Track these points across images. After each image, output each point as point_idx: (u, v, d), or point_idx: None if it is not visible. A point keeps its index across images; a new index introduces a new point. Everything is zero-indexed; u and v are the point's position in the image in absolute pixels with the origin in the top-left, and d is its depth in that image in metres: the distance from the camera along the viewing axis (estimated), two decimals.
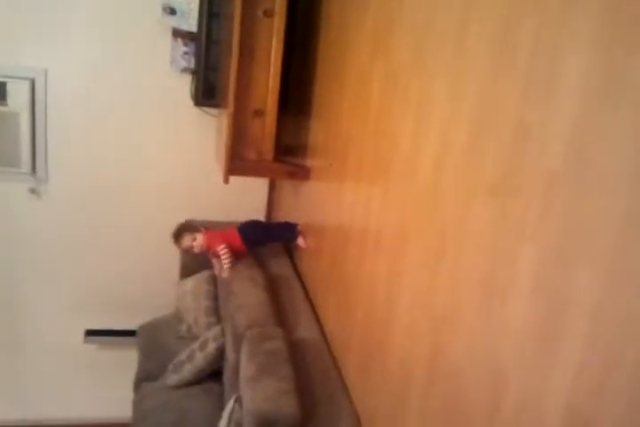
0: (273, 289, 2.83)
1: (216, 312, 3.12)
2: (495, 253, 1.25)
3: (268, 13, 2.67)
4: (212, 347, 2.74)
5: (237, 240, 2.93)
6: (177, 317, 3.25)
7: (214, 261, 3.03)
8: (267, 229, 3.14)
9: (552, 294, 1.06)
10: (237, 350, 2.36)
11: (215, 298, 3.18)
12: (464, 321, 1.37)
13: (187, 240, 2.90)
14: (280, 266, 3.12)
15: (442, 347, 1.46)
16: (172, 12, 3.26)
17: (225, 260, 2.85)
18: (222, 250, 2.85)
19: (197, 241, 2.88)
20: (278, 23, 2.69)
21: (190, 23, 3.25)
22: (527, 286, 1.14)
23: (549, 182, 1.08)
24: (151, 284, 3.84)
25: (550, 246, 1.07)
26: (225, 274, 2.88)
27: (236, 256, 2.90)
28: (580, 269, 1.00)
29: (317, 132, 2.83)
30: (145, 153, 3.65)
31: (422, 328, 1.58)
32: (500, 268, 1.23)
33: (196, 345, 2.82)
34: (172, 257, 3.50)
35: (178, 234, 2.94)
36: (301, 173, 2.97)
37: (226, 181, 2.92)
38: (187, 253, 3.09)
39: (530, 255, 1.13)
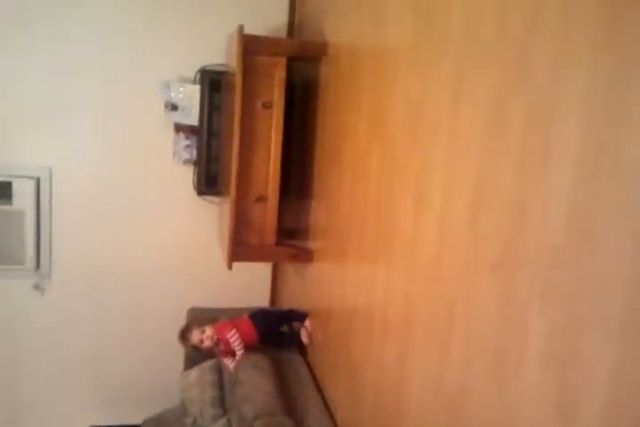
0: (280, 375, 2.76)
1: (222, 402, 3.01)
2: (504, 326, 1.24)
3: (267, 105, 2.82)
4: None
5: (248, 326, 2.87)
6: (182, 409, 3.13)
7: (225, 360, 2.90)
8: (277, 315, 3.10)
9: (565, 365, 1.05)
10: None
11: (221, 387, 3.08)
12: (477, 396, 1.33)
13: (195, 334, 2.81)
14: (286, 350, 3.06)
15: (456, 425, 1.41)
16: (174, 108, 3.43)
17: (236, 345, 2.78)
18: (233, 335, 2.78)
19: (207, 333, 2.79)
20: (277, 114, 2.83)
21: (192, 118, 3.40)
22: (539, 358, 1.12)
23: (553, 255, 1.10)
24: (155, 376, 3.74)
25: (559, 318, 1.07)
26: (233, 363, 2.80)
27: (247, 344, 2.83)
28: (591, 337, 0.99)
29: (318, 214, 2.89)
30: (148, 244, 3.69)
31: (435, 410, 1.53)
32: (510, 341, 1.22)
33: None
34: (175, 347, 3.42)
35: (185, 331, 2.86)
36: (304, 256, 2.99)
37: (229, 267, 2.94)
38: (196, 349, 2.94)
39: (539, 327, 1.13)
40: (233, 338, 2.79)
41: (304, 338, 2.93)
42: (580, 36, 1.05)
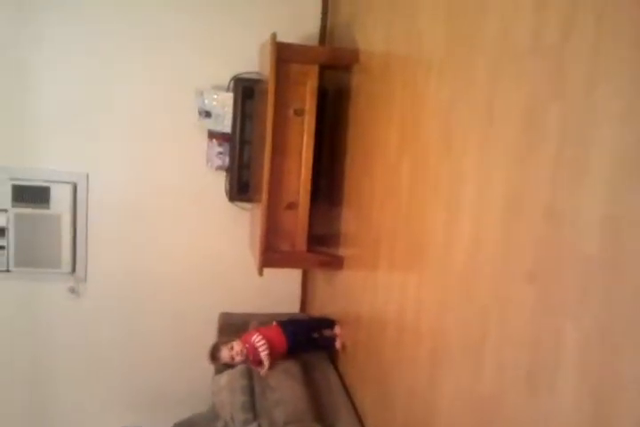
0: (310, 381, 2.77)
1: (253, 407, 3.02)
2: (539, 336, 1.23)
3: (299, 113, 2.84)
4: None
5: (278, 333, 2.87)
6: (213, 413, 3.16)
7: (257, 369, 2.91)
8: (306, 324, 3.11)
9: (601, 376, 1.03)
10: None
11: (252, 393, 3.10)
12: (510, 407, 1.32)
13: (225, 352, 2.84)
14: (315, 356, 3.06)
15: None
16: (208, 115, 3.48)
17: (260, 346, 2.77)
18: (257, 337, 2.79)
19: (235, 349, 2.81)
20: (309, 121, 2.85)
21: (225, 124, 3.45)
22: (574, 369, 1.11)
23: (587, 265, 1.09)
24: (186, 380, 3.78)
25: (593, 331, 1.06)
26: (264, 369, 2.81)
27: (276, 352, 2.83)
28: (626, 352, 0.97)
29: (349, 221, 2.90)
30: (181, 249, 3.74)
31: (467, 420, 1.52)
32: (544, 351, 1.21)
33: None
34: (206, 352, 3.46)
35: (214, 351, 2.88)
36: (335, 263, 2.99)
37: (260, 273, 2.96)
38: (228, 366, 2.98)
39: (574, 340, 1.11)
40: (257, 339, 2.79)
41: (337, 344, 2.93)
42: (615, 46, 1.04)
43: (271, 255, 2.95)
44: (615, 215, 1.02)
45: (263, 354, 2.79)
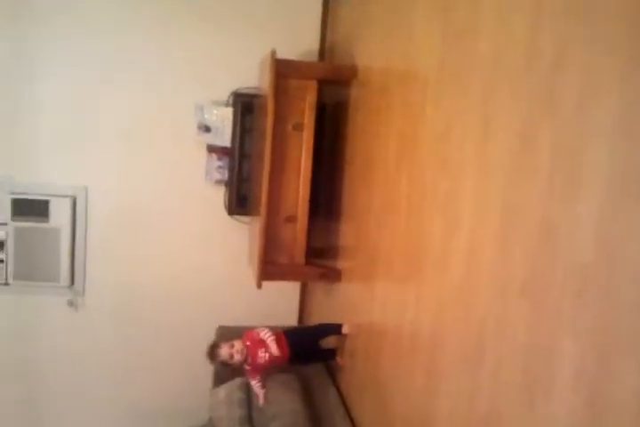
0: (307, 394, 2.76)
1: (250, 421, 3.01)
2: (535, 348, 1.25)
3: (298, 127, 2.87)
4: None
5: (282, 340, 2.78)
6: None
7: (254, 384, 2.84)
8: (312, 333, 3.05)
9: (596, 388, 1.05)
10: None
11: (249, 406, 3.09)
12: (508, 419, 1.33)
13: (224, 349, 2.74)
14: (314, 369, 3.06)
15: None
16: (207, 129, 3.52)
17: (265, 333, 2.74)
18: (265, 333, 2.74)
19: (236, 347, 2.72)
20: (307, 136, 2.89)
21: (224, 139, 3.49)
22: (569, 381, 1.12)
23: (582, 277, 1.11)
24: (184, 394, 3.76)
25: (589, 342, 1.08)
26: (262, 400, 2.78)
27: (278, 359, 2.76)
28: (622, 363, 0.99)
29: (347, 234, 2.92)
30: (180, 262, 3.75)
31: None
32: (540, 363, 1.22)
33: None
34: (204, 365, 3.45)
35: (213, 347, 2.79)
36: (333, 276, 3.01)
37: (259, 286, 2.98)
38: (226, 365, 2.85)
39: (569, 350, 1.13)
40: (263, 333, 2.74)
41: (339, 360, 2.90)
42: (607, 66, 1.07)
43: (270, 268, 2.96)
44: (609, 228, 1.04)
45: (269, 340, 2.72)
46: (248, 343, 2.75)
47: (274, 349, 2.71)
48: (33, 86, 3.44)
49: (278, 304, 3.88)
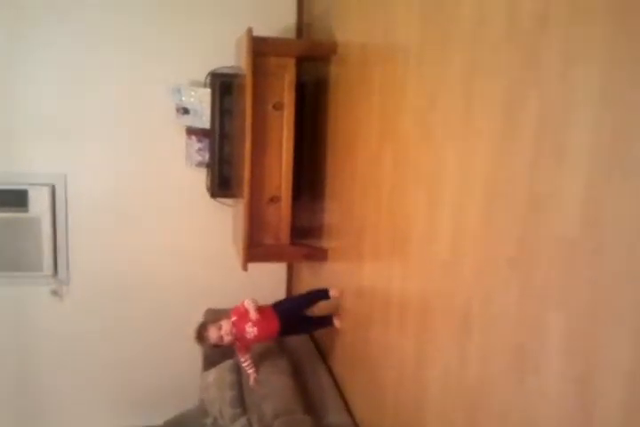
0: (297, 373, 2.77)
1: (242, 402, 3.03)
2: (523, 321, 1.25)
3: (278, 107, 2.83)
4: None
5: (269, 314, 2.69)
6: (202, 410, 3.16)
7: (244, 363, 2.77)
8: (300, 299, 2.94)
9: (584, 359, 1.05)
10: None
11: (240, 387, 3.10)
12: (497, 391, 1.34)
13: (213, 332, 2.63)
14: (303, 348, 3.07)
15: (477, 424, 1.42)
16: (186, 111, 3.46)
17: (248, 303, 2.65)
18: (249, 302, 2.65)
19: (224, 328, 2.61)
20: (288, 115, 2.85)
21: (203, 121, 3.43)
22: (558, 352, 1.13)
23: (569, 249, 1.10)
24: (174, 378, 3.77)
25: (577, 314, 1.08)
26: (252, 381, 2.74)
27: (269, 333, 2.69)
28: (610, 336, 0.99)
29: (332, 213, 2.90)
30: (164, 248, 3.72)
31: (455, 405, 1.54)
32: (529, 336, 1.22)
33: None
34: (193, 349, 3.45)
35: (201, 330, 2.69)
36: (319, 255, 3.00)
37: (244, 268, 2.96)
38: (215, 347, 2.79)
39: (558, 322, 1.13)
40: (247, 301, 2.66)
41: (336, 323, 2.77)
42: (589, 31, 1.05)
43: (255, 250, 2.95)
44: (596, 198, 1.04)
45: (251, 307, 2.63)
46: (234, 318, 2.66)
47: (252, 314, 2.61)
48: (7, 74, 3.35)
49: (265, 285, 3.87)
